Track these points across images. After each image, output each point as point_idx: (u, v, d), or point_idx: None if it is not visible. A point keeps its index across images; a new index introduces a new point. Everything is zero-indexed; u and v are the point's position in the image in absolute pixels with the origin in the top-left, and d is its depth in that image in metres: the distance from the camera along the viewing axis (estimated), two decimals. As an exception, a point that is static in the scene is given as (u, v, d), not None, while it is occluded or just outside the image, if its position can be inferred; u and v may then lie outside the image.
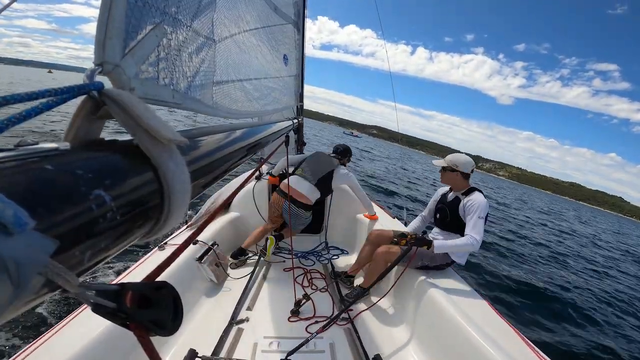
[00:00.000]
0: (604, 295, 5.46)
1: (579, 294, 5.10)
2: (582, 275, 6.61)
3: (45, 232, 0.19)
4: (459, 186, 2.08)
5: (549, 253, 8.11)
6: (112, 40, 0.31)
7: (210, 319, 1.84)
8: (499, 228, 9.52)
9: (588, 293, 5.35)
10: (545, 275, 5.70)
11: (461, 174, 2.06)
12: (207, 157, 0.47)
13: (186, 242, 0.44)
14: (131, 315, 0.26)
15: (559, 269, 6.67)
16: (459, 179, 2.07)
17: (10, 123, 0.21)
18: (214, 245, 2.22)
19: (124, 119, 0.29)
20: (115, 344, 1.24)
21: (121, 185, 0.26)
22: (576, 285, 5.63)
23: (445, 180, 2.14)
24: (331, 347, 1.66)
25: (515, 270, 5.49)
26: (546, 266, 6.59)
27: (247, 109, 0.98)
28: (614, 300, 5.39)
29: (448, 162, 2.08)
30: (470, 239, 1.84)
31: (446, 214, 2.08)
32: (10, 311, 0.18)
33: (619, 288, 6.40)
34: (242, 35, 0.94)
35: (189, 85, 0.53)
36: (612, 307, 5.02)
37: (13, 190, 0.18)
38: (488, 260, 5.52)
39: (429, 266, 1.99)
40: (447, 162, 2.09)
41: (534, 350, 1.37)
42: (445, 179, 2.14)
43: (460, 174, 2.06)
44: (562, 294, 4.82)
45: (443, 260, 1.99)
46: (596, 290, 5.68)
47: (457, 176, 2.07)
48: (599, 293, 5.54)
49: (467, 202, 1.95)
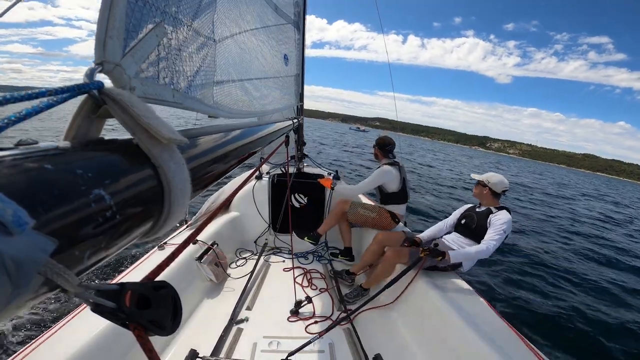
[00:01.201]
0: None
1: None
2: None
3: (44, 232, 0.19)
4: (487, 202, 2.17)
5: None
6: (113, 40, 0.31)
7: (210, 319, 1.84)
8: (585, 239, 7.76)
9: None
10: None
11: (490, 191, 2.15)
12: (207, 156, 0.47)
13: (186, 242, 0.44)
14: (130, 315, 0.26)
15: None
16: (487, 195, 2.16)
17: (10, 122, 0.21)
18: (213, 244, 2.22)
19: (124, 118, 0.29)
20: (115, 344, 1.25)
21: (121, 185, 0.26)
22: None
23: (475, 193, 2.25)
24: (330, 347, 1.66)
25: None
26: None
27: (247, 108, 0.98)
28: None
29: (483, 178, 2.21)
30: (486, 244, 1.91)
31: (473, 220, 2.15)
32: (10, 310, 0.18)
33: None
34: (243, 35, 0.94)
35: (189, 84, 0.53)
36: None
37: (13, 189, 0.18)
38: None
39: (438, 267, 2.02)
40: (482, 177, 2.22)
41: (533, 350, 1.37)
42: (476, 192, 2.25)
43: (490, 191, 2.15)
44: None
45: (449, 262, 1.99)
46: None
47: (486, 192, 2.16)
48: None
49: (496, 216, 2.04)
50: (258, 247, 2.84)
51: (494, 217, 2.03)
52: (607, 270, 5.55)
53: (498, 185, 2.13)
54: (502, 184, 2.14)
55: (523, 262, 5.13)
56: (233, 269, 2.44)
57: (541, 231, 7.56)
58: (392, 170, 2.53)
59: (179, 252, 0.41)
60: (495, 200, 2.15)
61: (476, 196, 2.25)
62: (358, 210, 2.61)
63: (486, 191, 2.16)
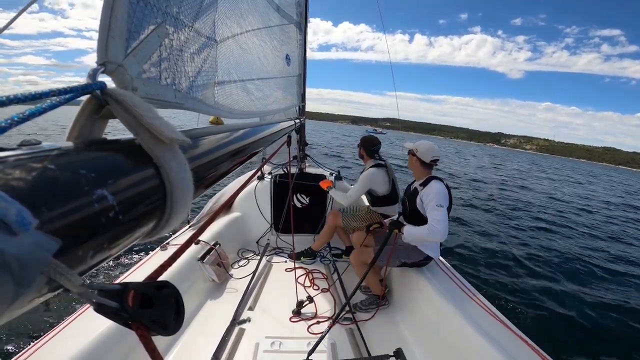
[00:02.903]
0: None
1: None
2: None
3: (47, 232, 0.19)
4: (417, 174, 2.02)
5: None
6: (115, 40, 0.31)
7: (212, 319, 1.84)
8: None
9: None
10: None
11: (419, 160, 1.97)
12: (209, 156, 0.47)
13: (188, 242, 0.44)
14: (133, 314, 0.26)
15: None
16: (417, 165, 1.99)
17: (14, 122, 0.21)
18: (216, 245, 2.22)
19: (127, 118, 0.29)
20: (118, 344, 1.25)
21: (124, 185, 0.26)
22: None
23: (409, 164, 2.08)
24: (333, 347, 1.66)
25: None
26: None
27: (249, 109, 0.99)
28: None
29: (412, 146, 2.03)
30: (430, 228, 1.76)
31: (407, 207, 2.02)
32: (13, 310, 0.18)
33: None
34: (244, 36, 0.94)
35: (190, 85, 0.53)
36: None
37: (16, 189, 0.18)
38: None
39: (407, 263, 1.97)
40: (412, 146, 2.04)
41: (534, 349, 1.37)
42: (409, 163, 2.08)
43: (418, 161, 1.97)
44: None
45: (418, 257, 1.95)
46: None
47: (415, 162, 1.99)
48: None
49: (424, 194, 1.88)
50: (260, 248, 2.85)
51: (424, 194, 1.88)
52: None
53: (426, 154, 1.94)
54: (430, 150, 1.95)
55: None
56: (235, 269, 2.44)
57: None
58: (379, 172, 2.43)
59: (181, 252, 0.41)
60: (425, 171, 1.97)
61: (409, 167, 2.08)
62: (350, 223, 2.56)
63: (415, 160, 1.98)
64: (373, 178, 2.41)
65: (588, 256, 5.71)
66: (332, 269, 2.57)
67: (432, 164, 1.96)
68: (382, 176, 2.43)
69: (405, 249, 1.95)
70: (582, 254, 5.74)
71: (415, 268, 2.00)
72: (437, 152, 1.97)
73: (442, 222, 1.73)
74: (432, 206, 1.78)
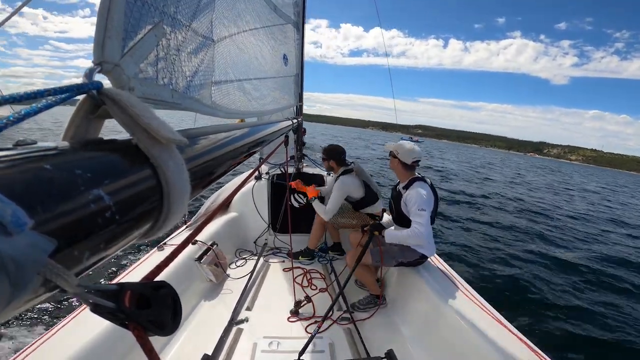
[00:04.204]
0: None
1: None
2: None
3: (43, 232, 0.19)
4: (400, 176, 2.02)
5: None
6: (112, 40, 0.31)
7: (210, 319, 1.84)
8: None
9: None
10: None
11: (400, 162, 1.96)
12: (207, 156, 0.47)
13: (185, 242, 0.44)
14: (130, 315, 0.26)
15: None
16: (398, 167, 1.99)
17: (9, 122, 0.21)
18: (213, 245, 2.22)
19: (123, 118, 0.29)
20: (114, 344, 1.24)
21: (120, 185, 0.26)
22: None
23: (390, 165, 2.08)
24: (331, 347, 1.66)
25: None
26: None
27: (246, 108, 0.98)
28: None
29: (392, 148, 2.02)
30: (412, 230, 1.79)
31: (392, 210, 2.04)
32: (9, 311, 0.18)
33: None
34: (242, 35, 0.94)
35: (187, 85, 0.53)
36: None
37: (11, 189, 0.18)
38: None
39: (404, 262, 1.98)
40: (393, 147, 2.02)
41: (532, 349, 1.38)
42: (390, 164, 2.08)
43: (400, 163, 1.96)
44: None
45: (413, 257, 1.95)
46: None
47: (397, 164, 1.99)
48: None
49: (407, 198, 1.88)
50: (258, 247, 2.84)
51: (407, 199, 1.89)
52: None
53: (407, 156, 1.93)
54: (412, 152, 1.95)
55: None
56: (233, 269, 2.44)
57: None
58: (349, 179, 2.44)
59: (179, 253, 0.41)
60: (407, 173, 1.98)
61: (391, 169, 2.08)
62: (339, 220, 2.60)
63: (397, 162, 1.98)
64: (345, 187, 2.42)
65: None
66: (330, 269, 2.57)
67: (414, 165, 1.98)
68: (353, 181, 2.45)
69: (401, 249, 1.96)
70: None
71: (411, 267, 2.01)
72: (419, 154, 1.98)
73: (424, 225, 1.78)
74: (414, 211, 1.82)
